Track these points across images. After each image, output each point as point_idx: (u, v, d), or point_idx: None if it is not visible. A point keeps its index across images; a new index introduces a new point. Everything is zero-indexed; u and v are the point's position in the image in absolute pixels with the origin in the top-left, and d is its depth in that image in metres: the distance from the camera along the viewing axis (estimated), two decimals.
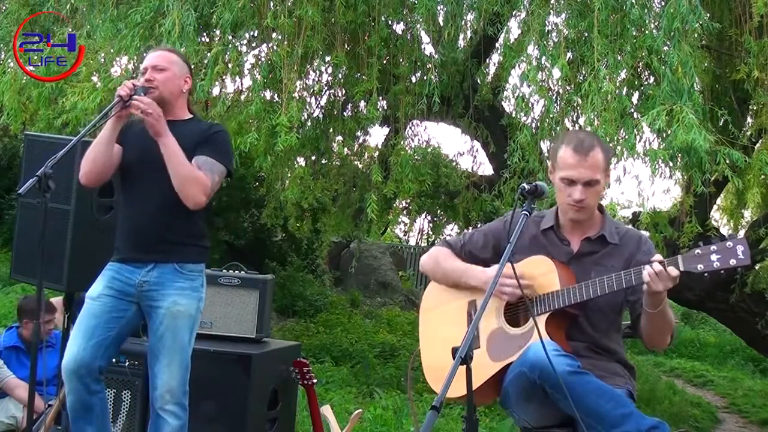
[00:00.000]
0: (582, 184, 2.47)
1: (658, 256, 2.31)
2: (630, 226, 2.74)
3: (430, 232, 10.37)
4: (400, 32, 6.52)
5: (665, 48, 4.78)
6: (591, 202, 2.50)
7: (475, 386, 2.11)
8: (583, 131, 4.39)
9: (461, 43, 7.16)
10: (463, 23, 6.50)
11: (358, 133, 7.67)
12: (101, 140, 2.99)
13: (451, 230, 10.06)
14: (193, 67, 6.07)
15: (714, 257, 2.24)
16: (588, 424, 2.25)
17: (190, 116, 3.21)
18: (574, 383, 2.24)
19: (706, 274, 2.28)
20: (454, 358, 1.97)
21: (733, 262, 2.22)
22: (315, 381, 3.94)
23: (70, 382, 2.95)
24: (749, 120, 7.13)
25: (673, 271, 2.26)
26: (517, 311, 2.59)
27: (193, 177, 2.97)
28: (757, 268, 7.51)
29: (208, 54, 5.66)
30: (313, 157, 7.90)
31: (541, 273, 2.51)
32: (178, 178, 2.95)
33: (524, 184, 2.36)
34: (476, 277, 2.65)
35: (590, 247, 2.56)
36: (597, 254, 2.55)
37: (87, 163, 3.01)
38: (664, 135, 4.87)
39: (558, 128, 5.41)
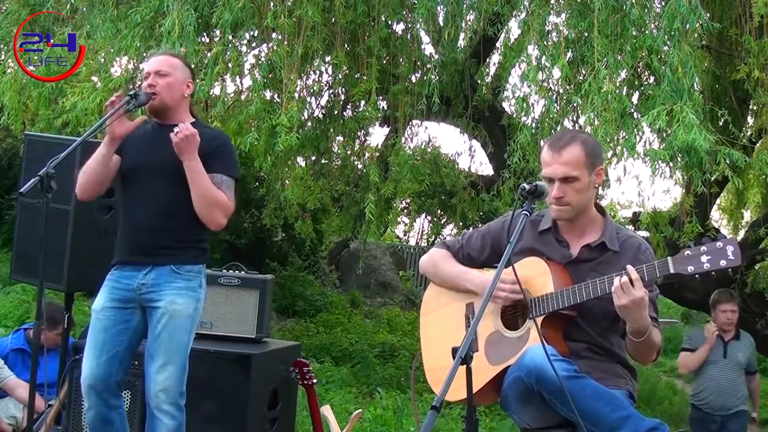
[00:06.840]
0: (558, 181, 2.43)
1: (632, 271, 2.26)
2: (632, 232, 2.70)
3: (430, 232, 10.39)
4: (400, 32, 6.51)
5: (665, 48, 4.78)
6: (572, 199, 2.45)
7: (474, 390, 2.10)
8: (570, 130, 4.32)
9: (461, 43, 7.14)
10: (463, 23, 6.49)
11: (359, 133, 7.67)
12: (96, 158, 3.01)
13: (450, 231, 10.07)
14: (193, 67, 6.06)
15: (704, 258, 2.22)
16: (587, 428, 2.24)
17: (192, 120, 3.20)
18: (570, 388, 2.22)
19: (697, 276, 2.26)
20: (454, 358, 1.97)
21: (723, 263, 2.20)
22: (315, 381, 3.93)
23: (89, 398, 2.97)
24: (749, 120, 7.14)
25: (637, 292, 2.22)
26: (514, 314, 2.58)
27: (216, 202, 3.02)
28: (756, 268, 7.50)
29: (208, 54, 5.65)
30: (313, 157, 7.90)
31: (535, 275, 2.49)
32: (202, 202, 3.00)
33: (524, 184, 2.33)
34: (472, 281, 2.64)
35: (589, 254, 2.52)
36: (594, 261, 2.51)
37: (82, 177, 3.05)
38: (664, 135, 4.86)
39: (558, 128, 5.41)
